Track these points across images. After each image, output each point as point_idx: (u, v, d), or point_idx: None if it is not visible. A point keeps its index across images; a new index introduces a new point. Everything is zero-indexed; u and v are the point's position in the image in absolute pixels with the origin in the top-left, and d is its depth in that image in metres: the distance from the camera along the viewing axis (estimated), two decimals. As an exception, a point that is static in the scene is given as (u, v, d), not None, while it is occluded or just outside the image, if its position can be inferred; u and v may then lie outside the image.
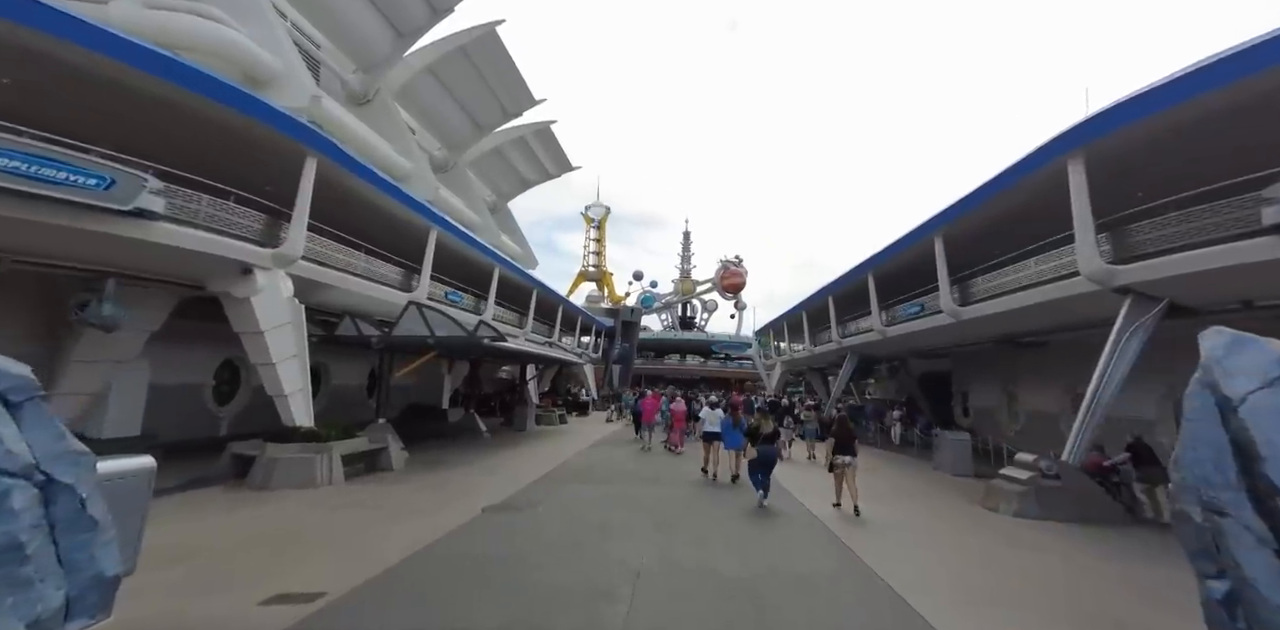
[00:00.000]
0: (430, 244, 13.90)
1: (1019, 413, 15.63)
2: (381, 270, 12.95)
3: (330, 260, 11.02)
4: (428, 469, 10.01)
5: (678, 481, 9.59)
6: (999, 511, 7.50)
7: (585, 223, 51.95)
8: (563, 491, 8.25)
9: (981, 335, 12.61)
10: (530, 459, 11.85)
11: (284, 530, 5.60)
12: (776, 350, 34.27)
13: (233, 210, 8.56)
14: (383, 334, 11.21)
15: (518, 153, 21.23)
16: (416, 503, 7.21)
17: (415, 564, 4.66)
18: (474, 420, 16.25)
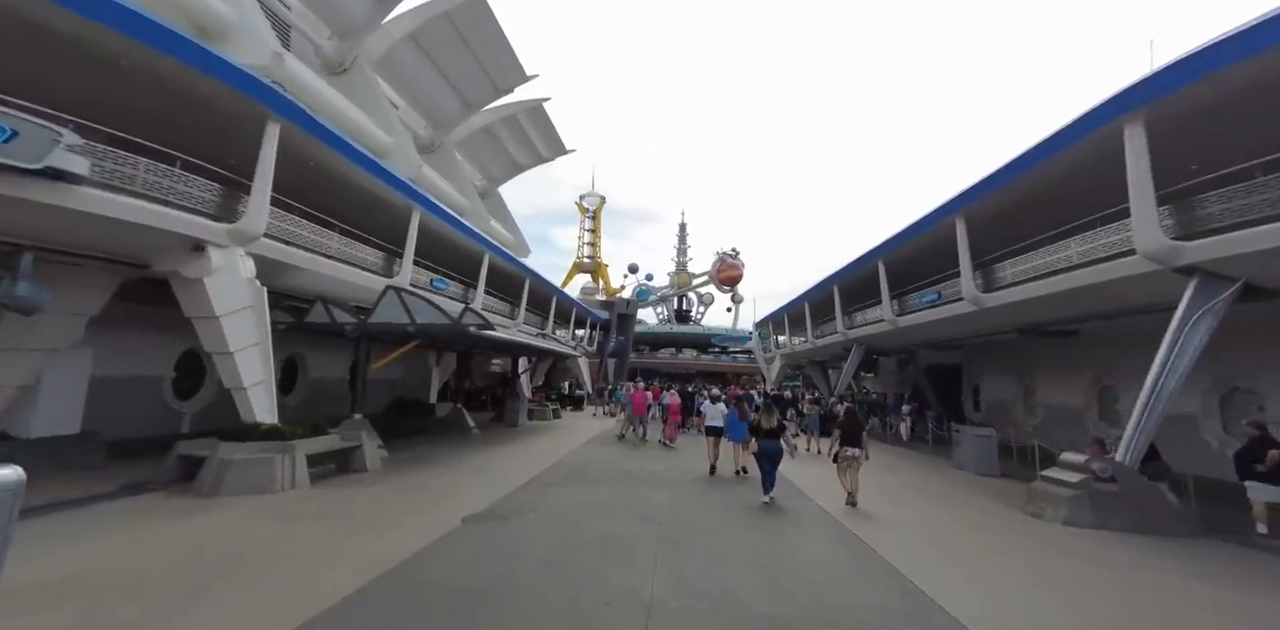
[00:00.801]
0: (413, 226, 12.89)
1: (1037, 406, 14.88)
2: (359, 253, 11.93)
3: (300, 240, 10.00)
4: (407, 469, 9.09)
5: (680, 482, 8.73)
6: (1044, 518, 6.68)
7: (579, 212, 50.83)
8: (556, 496, 7.36)
9: (1004, 324, 11.79)
10: (521, 457, 10.96)
11: (218, 551, 4.66)
12: (775, 343, 33.52)
13: (180, 178, 7.54)
14: (358, 321, 10.25)
15: (508, 133, 20.11)
16: (388, 510, 6.30)
17: (364, 601, 3.71)
18: (462, 415, 15.32)
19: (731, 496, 7.77)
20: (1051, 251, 9.25)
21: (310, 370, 15.79)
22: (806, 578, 4.50)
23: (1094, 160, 8.07)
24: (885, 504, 7.62)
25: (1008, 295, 10.35)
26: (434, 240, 15.08)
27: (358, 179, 11.03)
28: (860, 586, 4.37)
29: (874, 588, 4.34)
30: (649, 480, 8.84)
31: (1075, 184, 8.70)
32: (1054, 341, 12.16)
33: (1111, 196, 7.76)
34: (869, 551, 5.32)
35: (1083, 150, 7.94)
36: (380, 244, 12.88)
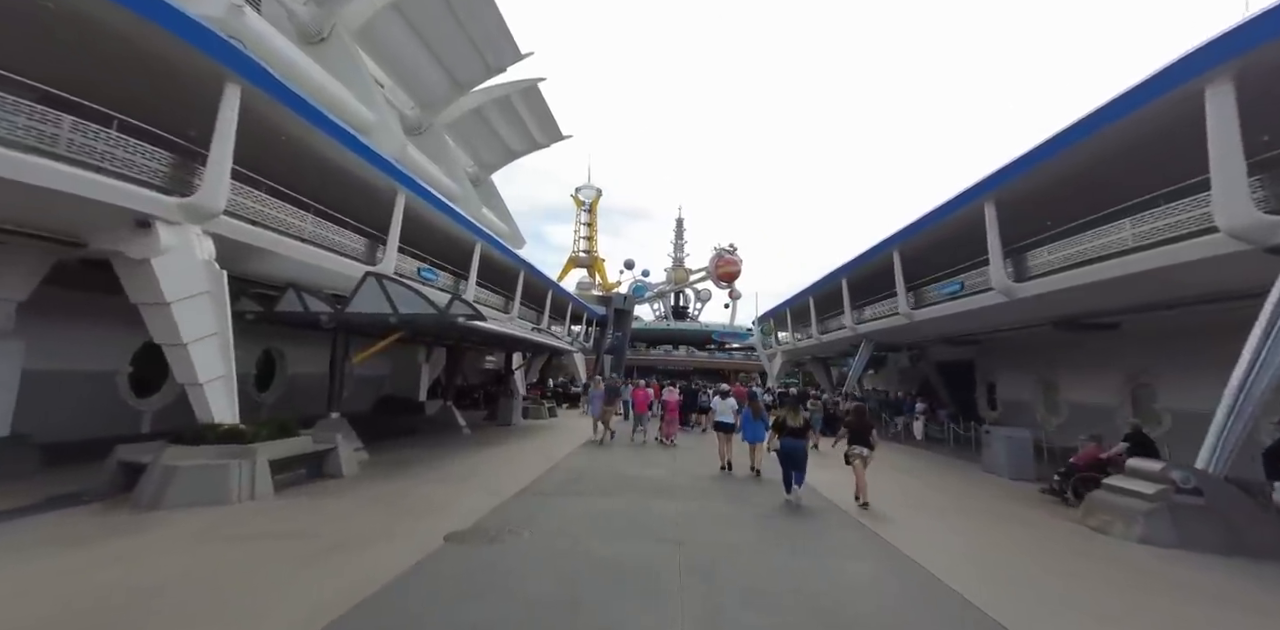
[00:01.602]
0: (397, 209, 11.91)
1: (1061, 404, 14.13)
2: (338, 237, 10.94)
3: (269, 221, 9.02)
4: (387, 475, 8.16)
5: (691, 488, 7.85)
6: (1112, 534, 5.84)
7: (575, 205, 49.77)
8: (553, 508, 6.45)
9: (1037, 317, 10.98)
10: (515, 460, 10.05)
11: (128, 590, 3.71)
12: (776, 340, 32.73)
13: (118, 143, 6.54)
14: (335, 311, 9.28)
15: (501, 116, 19.06)
16: (357, 527, 5.37)
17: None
18: (451, 414, 14.37)
19: (749, 506, 6.90)
20: (1100, 234, 8.40)
21: (289, 365, 14.79)
22: (869, 620, 3.63)
23: (1159, 128, 7.23)
24: (925, 516, 6.78)
25: (1045, 284, 9.52)
26: (422, 227, 14.11)
27: (335, 156, 10.05)
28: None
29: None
30: (656, 487, 7.95)
31: (1133, 157, 7.88)
32: (1086, 336, 11.35)
33: (1178, 170, 6.92)
34: (929, 578, 4.45)
35: (1149, 116, 7.08)
36: (363, 229, 11.90)
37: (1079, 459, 7.76)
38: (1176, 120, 6.54)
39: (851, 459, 7.05)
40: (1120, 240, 7.95)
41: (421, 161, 15.56)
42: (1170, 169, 7.28)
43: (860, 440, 7.07)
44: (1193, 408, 9.72)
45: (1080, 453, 7.89)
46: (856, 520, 6.31)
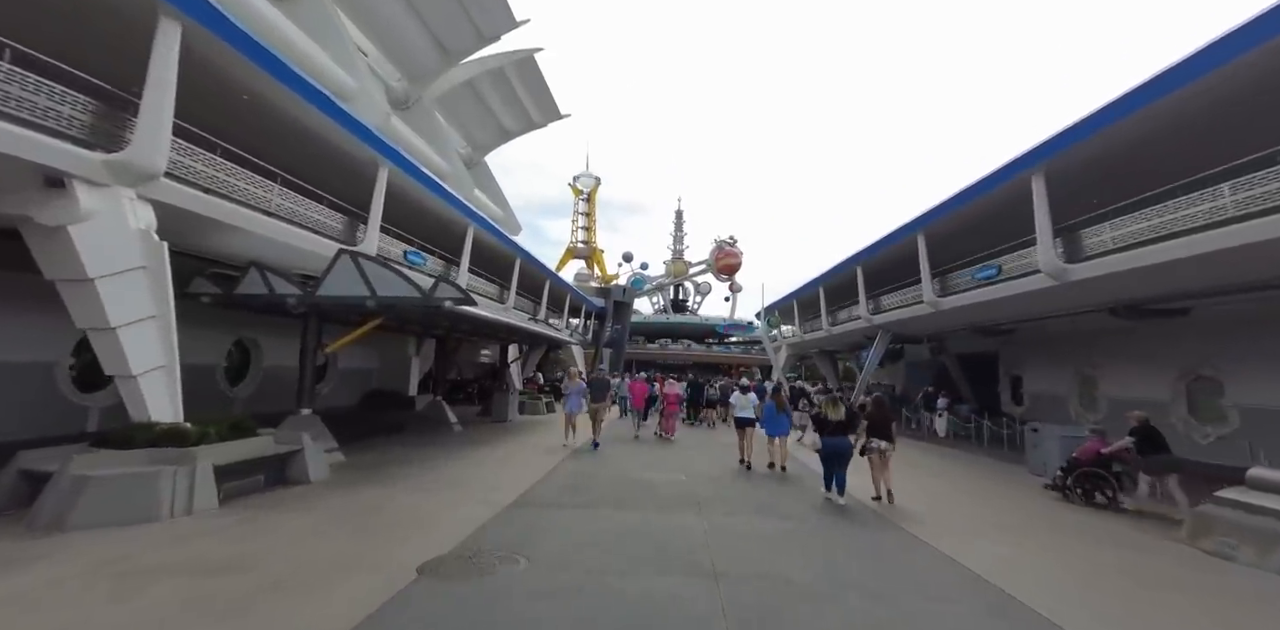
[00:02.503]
0: (379, 184, 10.73)
1: (1099, 400, 13.12)
2: (311, 213, 9.77)
3: (227, 189, 7.85)
4: (363, 481, 7.06)
5: (717, 498, 6.78)
6: (1236, 560, 4.80)
7: (573, 194, 48.40)
8: (556, 524, 5.37)
9: (1091, 302, 9.90)
10: (510, 462, 8.96)
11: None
12: (780, 333, 31.66)
13: (11, 77, 5.35)
14: (304, 293, 8.15)
15: (495, 91, 17.78)
16: (309, 554, 4.28)
17: None
18: (441, 410, 13.27)
19: (787, 519, 5.84)
20: (1185, 204, 7.31)
21: (265, 357, 13.62)
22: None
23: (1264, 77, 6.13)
24: (999, 535, 5.74)
25: (1105, 265, 8.44)
26: (408, 206, 12.94)
27: (308, 120, 8.87)
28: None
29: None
30: (674, 494, 6.88)
31: (1229, 115, 6.77)
32: (1141, 323, 10.30)
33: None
34: (1045, 625, 3.40)
35: (1255, 63, 5.98)
36: (341, 205, 10.73)
37: (1081, 453, 7.36)
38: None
39: (869, 453, 6.78)
40: (1216, 209, 6.86)
41: (408, 136, 14.33)
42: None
43: (880, 433, 6.78)
44: (1272, 404, 8.74)
45: (1082, 446, 7.50)
46: (918, 539, 5.24)
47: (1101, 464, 7.06)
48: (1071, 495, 7.20)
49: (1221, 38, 6.24)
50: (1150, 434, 6.91)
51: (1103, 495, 6.95)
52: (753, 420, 9.41)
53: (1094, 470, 7.05)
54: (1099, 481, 7.00)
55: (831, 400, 7.01)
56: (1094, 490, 7.05)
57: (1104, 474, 6.97)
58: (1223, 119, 7.18)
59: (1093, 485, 7.07)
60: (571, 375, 11.37)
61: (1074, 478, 7.23)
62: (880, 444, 6.74)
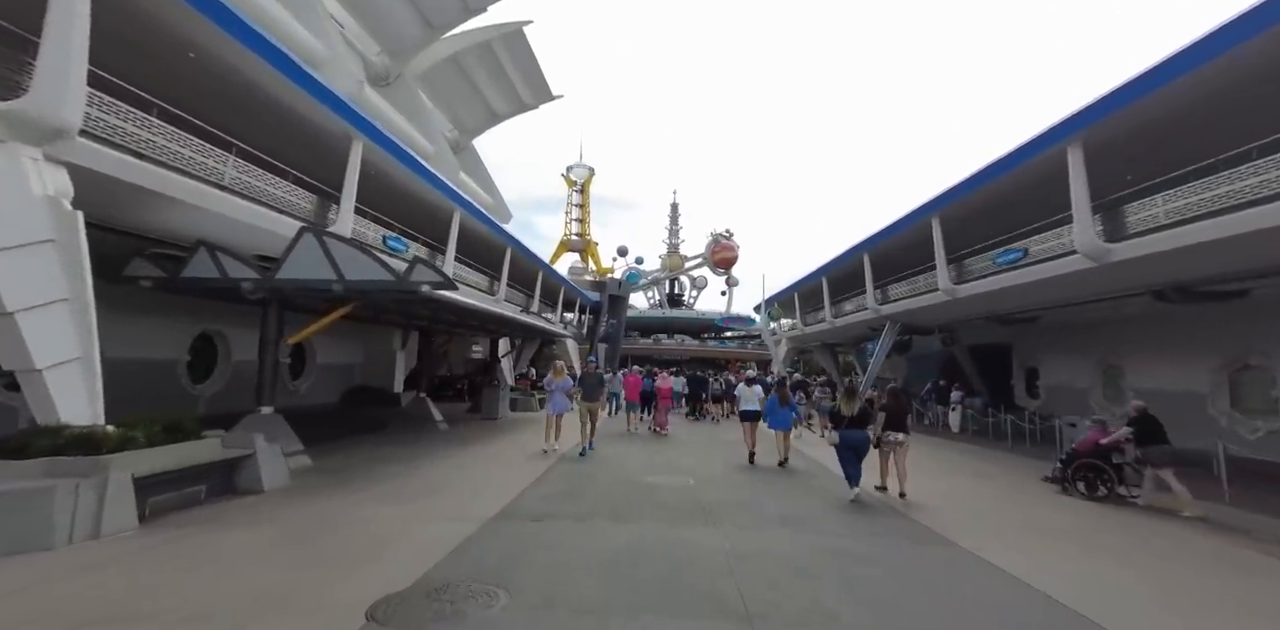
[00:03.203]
0: (353, 158, 9.75)
1: (1126, 391, 12.36)
2: (275, 189, 8.79)
3: (169, 157, 6.86)
4: (327, 488, 6.16)
5: (732, 504, 5.93)
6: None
7: (567, 185, 47.28)
8: (546, 544, 4.48)
9: (1129, 285, 9.10)
10: (496, 463, 8.07)
11: None
12: (780, 326, 30.87)
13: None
14: (262, 277, 7.20)
15: (482, 68, 16.70)
16: (233, 588, 3.38)
17: None
18: (425, 406, 12.34)
19: (821, 533, 4.99)
20: (1263, 168, 6.47)
21: (234, 351, 12.62)
22: None
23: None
24: (1058, 543, 4.91)
25: (1156, 242, 7.60)
26: (387, 188, 11.95)
27: (268, 84, 7.89)
28: None
29: None
30: (682, 501, 6.02)
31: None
32: (1184, 309, 9.52)
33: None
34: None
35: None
36: (310, 183, 9.75)
37: (1080, 444, 7.23)
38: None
39: (885, 446, 6.64)
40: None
41: (386, 112, 13.31)
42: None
43: (896, 425, 6.60)
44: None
45: (1082, 438, 7.37)
46: (980, 559, 4.39)
47: (1101, 455, 6.92)
48: (1070, 488, 7.08)
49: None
50: (1148, 424, 6.69)
51: (1103, 486, 6.81)
52: (758, 413, 9.23)
53: (1092, 461, 6.92)
54: (1099, 473, 6.86)
55: (848, 392, 6.79)
56: (1096, 482, 6.89)
57: (1102, 465, 6.84)
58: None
59: (1091, 476, 6.94)
60: (557, 369, 9.26)
61: (1073, 469, 7.10)
62: (897, 436, 6.58)
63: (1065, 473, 7.20)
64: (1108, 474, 6.82)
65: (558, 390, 9.18)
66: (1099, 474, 6.88)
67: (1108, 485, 6.80)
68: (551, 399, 9.26)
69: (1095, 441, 7.03)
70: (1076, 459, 7.15)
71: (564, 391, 9.19)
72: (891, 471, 6.75)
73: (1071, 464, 7.16)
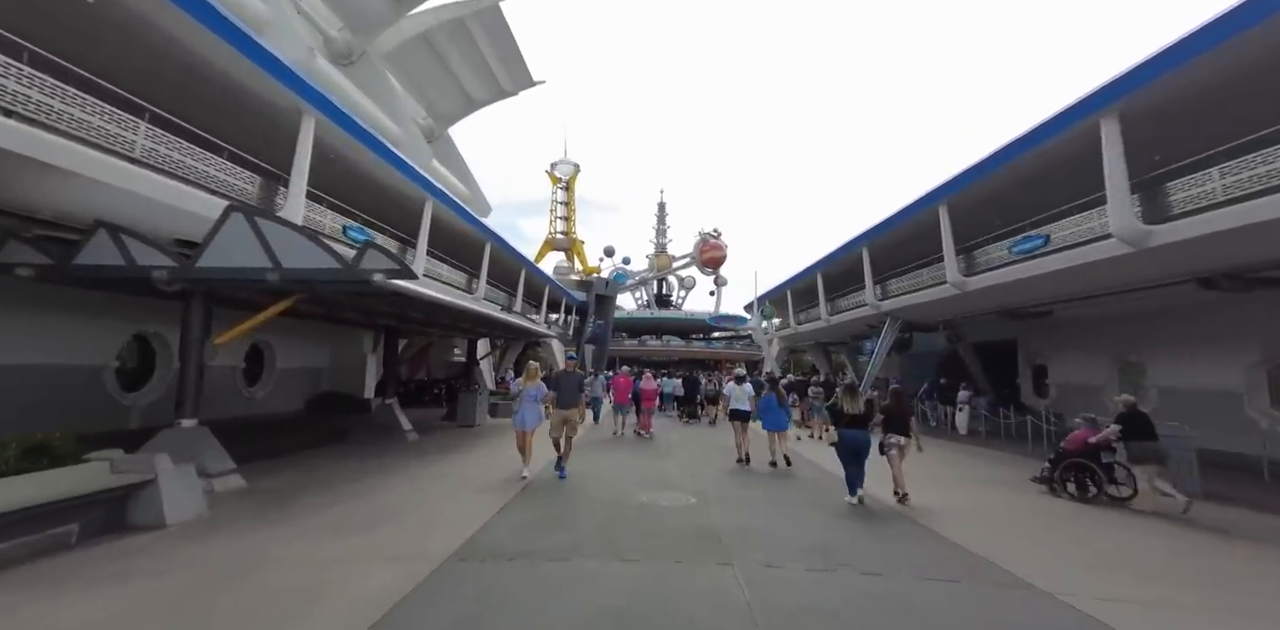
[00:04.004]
0: (304, 136, 8.61)
1: (1147, 389, 11.62)
2: (203, 165, 7.60)
3: (53, 118, 5.67)
4: (251, 519, 5.01)
5: (749, 533, 4.90)
6: None
7: (551, 182, 46.04)
8: (516, 597, 3.41)
9: (1169, 272, 8.29)
10: (466, 480, 6.94)
11: None
12: (773, 325, 30.07)
13: None
14: (178, 265, 6.02)
15: (455, 48, 15.48)
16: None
17: None
18: (392, 414, 11.15)
19: (866, 568, 3.99)
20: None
21: (175, 356, 11.32)
22: None
23: None
24: (1146, 577, 3.97)
25: (1210, 222, 6.78)
26: (349, 173, 10.85)
27: (196, 46, 6.74)
28: None
29: None
30: (687, 528, 4.98)
31: None
32: (1204, 302, 8.77)
33: None
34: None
35: None
36: (252, 161, 8.57)
37: (1069, 443, 7.04)
38: None
39: (888, 449, 6.32)
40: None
41: (349, 91, 12.13)
42: None
43: (898, 428, 6.34)
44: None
45: (1071, 436, 7.12)
46: (1065, 604, 3.42)
47: (1090, 454, 6.72)
48: (1059, 489, 6.89)
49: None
50: (1136, 421, 6.47)
51: (1093, 485, 6.62)
52: (748, 413, 8.79)
53: (1081, 461, 6.76)
54: (1088, 473, 6.68)
55: (849, 390, 6.39)
56: (1086, 483, 6.69)
57: (1091, 465, 6.65)
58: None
59: (1079, 476, 6.76)
60: (529, 372, 7.41)
61: (1062, 469, 6.90)
62: (899, 439, 6.30)
63: (1054, 473, 7.00)
64: (1097, 474, 6.63)
65: (528, 401, 7.16)
66: (1088, 474, 6.69)
67: (1097, 485, 6.63)
68: (520, 409, 7.20)
69: (1084, 440, 6.82)
70: (1065, 458, 6.94)
71: (534, 400, 7.18)
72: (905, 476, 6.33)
73: (1060, 464, 6.97)
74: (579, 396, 7.49)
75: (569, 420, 7.19)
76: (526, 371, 7.47)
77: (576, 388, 7.40)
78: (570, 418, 7.21)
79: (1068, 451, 6.99)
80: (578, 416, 7.34)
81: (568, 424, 7.18)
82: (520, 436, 7.08)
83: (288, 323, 14.05)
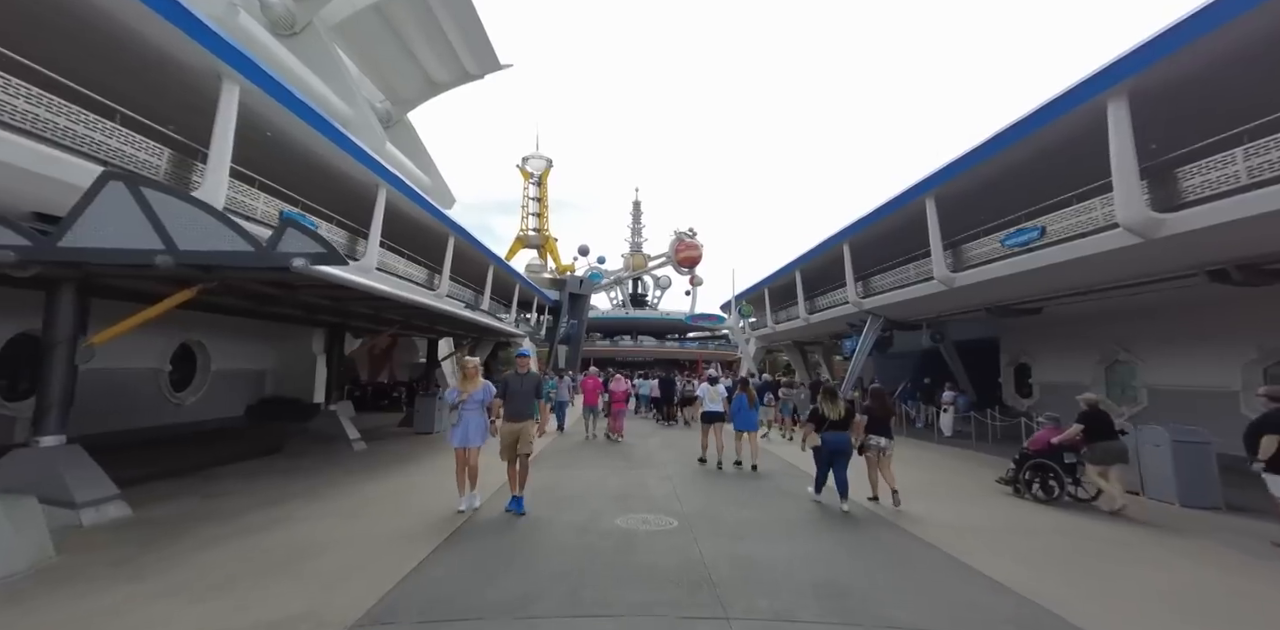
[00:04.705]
0: (224, 105, 7.43)
1: (1138, 389, 11.31)
2: (82, 128, 6.37)
3: None
4: (104, 568, 3.91)
5: (746, 567, 4.04)
6: None
7: (523, 178, 44.65)
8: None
9: (1179, 264, 7.82)
10: (405, 505, 5.85)
11: None
12: (749, 324, 29.53)
13: None
14: (34, 244, 4.86)
15: (413, 23, 14.19)
16: None
17: None
18: (337, 422, 9.96)
19: (891, 614, 3.17)
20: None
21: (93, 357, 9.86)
22: None
23: None
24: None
25: (1229, 209, 6.26)
26: (288, 152, 9.69)
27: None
28: None
29: None
30: (670, 564, 4.10)
31: None
32: (1199, 298, 8.36)
33: None
34: None
35: None
36: (167, 134, 7.36)
37: (1033, 443, 6.91)
38: None
39: (870, 451, 6.25)
40: None
41: (286, 61, 10.87)
42: None
43: (880, 429, 6.28)
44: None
45: (1034, 436, 7.05)
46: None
47: (1053, 455, 6.56)
48: (1023, 490, 6.74)
49: None
50: (1097, 419, 6.39)
51: (1058, 486, 6.47)
52: (721, 414, 8.66)
53: (1044, 461, 6.61)
54: (1050, 473, 6.54)
55: (828, 394, 6.19)
56: (1052, 485, 6.51)
57: (1052, 465, 6.52)
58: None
59: (1043, 476, 6.60)
60: (468, 372, 5.62)
61: (1028, 470, 6.73)
62: (880, 441, 6.23)
63: (1019, 474, 6.85)
64: (1057, 474, 6.49)
65: (470, 409, 5.46)
66: (1050, 474, 6.55)
67: (1060, 485, 6.46)
68: (459, 420, 5.46)
69: (1047, 440, 6.67)
70: (1029, 459, 6.77)
71: (478, 408, 5.51)
72: (881, 480, 6.23)
73: (1024, 465, 6.79)
74: (535, 405, 5.91)
75: (522, 437, 5.51)
76: (463, 370, 5.68)
77: (532, 393, 5.73)
78: (521, 432, 5.51)
79: (1031, 452, 6.83)
80: (534, 431, 5.82)
81: (521, 441, 5.51)
82: (460, 457, 5.48)
83: (226, 320, 12.66)
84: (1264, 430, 4.92)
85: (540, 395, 6.01)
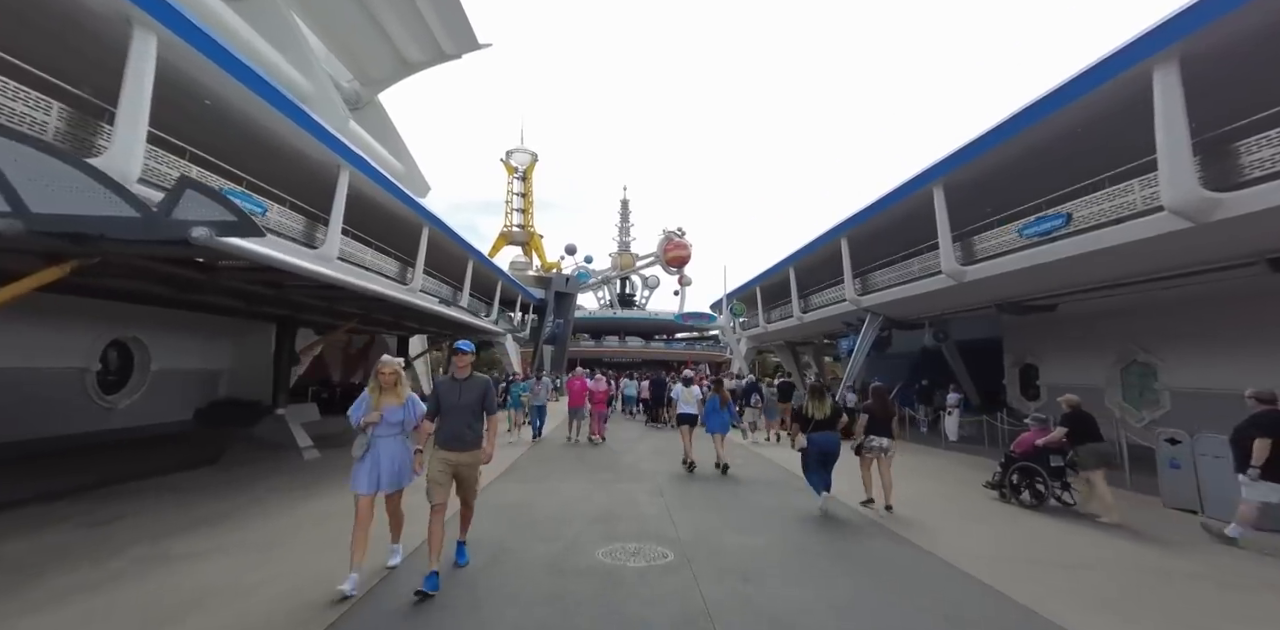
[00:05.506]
0: (135, 56, 6.27)
1: (1160, 393, 10.58)
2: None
3: None
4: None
5: (752, 616, 3.08)
6: None
7: (507, 173, 43.43)
8: None
9: (1232, 253, 7.04)
10: (341, 534, 4.77)
11: None
12: (740, 324, 28.71)
13: None
14: None
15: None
16: None
17: None
18: (285, 428, 8.80)
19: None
20: None
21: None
22: None
23: None
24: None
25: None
26: (231, 125, 8.49)
27: None
28: None
29: None
30: (661, 616, 3.10)
31: None
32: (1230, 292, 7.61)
33: None
34: None
35: None
36: (56, 83, 6.18)
37: (1017, 446, 6.72)
38: None
39: (867, 453, 6.04)
40: None
41: (228, 18, 9.69)
42: None
43: (880, 429, 6.06)
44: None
45: (1019, 438, 6.81)
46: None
47: (1039, 458, 6.36)
48: (1009, 495, 6.55)
49: None
50: (1081, 420, 6.24)
51: (1045, 489, 6.29)
52: (695, 416, 8.66)
53: (1028, 464, 6.43)
54: (1036, 476, 6.36)
55: (814, 393, 6.04)
56: (1039, 489, 6.32)
57: (1037, 468, 6.34)
58: None
59: (1028, 480, 6.42)
60: (384, 379, 3.84)
61: (1014, 473, 6.54)
62: (881, 442, 6.00)
63: (1004, 478, 6.63)
64: (1041, 477, 6.31)
65: (383, 430, 3.78)
66: (1037, 478, 6.36)
67: (1046, 489, 6.30)
68: (370, 447, 3.75)
69: (1032, 442, 6.46)
70: (1015, 462, 6.57)
71: (397, 432, 3.84)
72: (876, 482, 5.99)
73: (1010, 468, 6.59)
74: (481, 425, 3.87)
75: (463, 476, 3.81)
76: (377, 375, 3.86)
77: (478, 406, 3.84)
78: (465, 469, 3.80)
79: (1017, 454, 6.61)
80: (482, 459, 3.84)
81: (462, 483, 3.85)
82: (364, 509, 3.66)
83: (172, 314, 11.42)
84: (1254, 433, 4.80)
85: (489, 409, 3.90)
